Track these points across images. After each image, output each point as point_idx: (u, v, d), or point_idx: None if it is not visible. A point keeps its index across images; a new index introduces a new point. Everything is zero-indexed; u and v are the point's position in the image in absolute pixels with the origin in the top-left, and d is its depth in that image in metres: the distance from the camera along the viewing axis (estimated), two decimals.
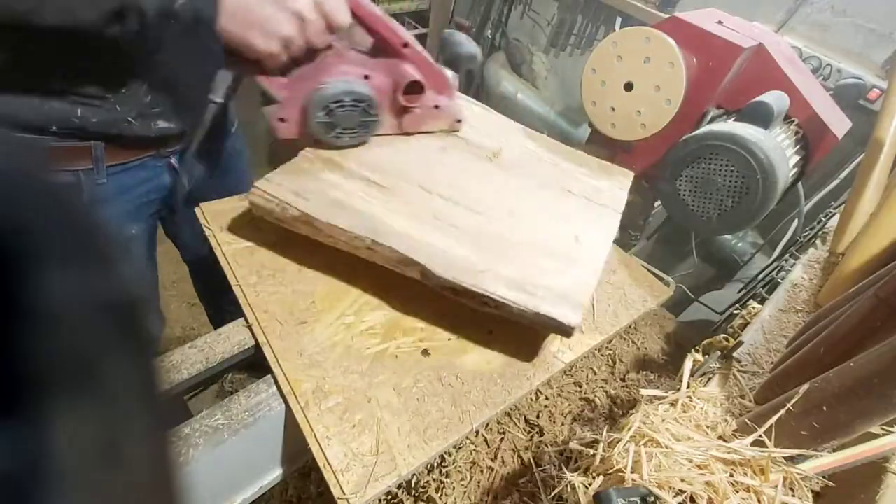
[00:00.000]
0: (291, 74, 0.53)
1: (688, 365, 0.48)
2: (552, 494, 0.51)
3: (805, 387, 0.37)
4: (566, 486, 0.43)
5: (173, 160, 0.66)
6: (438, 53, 0.61)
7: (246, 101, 0.78)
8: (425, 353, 0.50)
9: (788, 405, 0.37)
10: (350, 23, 0.50)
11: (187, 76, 0.58)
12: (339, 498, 0.39)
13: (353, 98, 0.53)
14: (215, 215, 0.59)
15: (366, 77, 0.55)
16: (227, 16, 0.45)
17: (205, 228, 0.58)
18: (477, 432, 0.53)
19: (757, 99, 0.72)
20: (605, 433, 0.41)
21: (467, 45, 0.62)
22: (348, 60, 0.54)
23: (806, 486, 0.36)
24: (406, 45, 0.54)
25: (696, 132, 0.72)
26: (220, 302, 0.97)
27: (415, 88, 0.57)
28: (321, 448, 0.41)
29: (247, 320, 0.51)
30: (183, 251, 0.89)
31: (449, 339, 0.52)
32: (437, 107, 0.61)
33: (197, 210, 0.59)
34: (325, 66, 0.53)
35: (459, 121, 0.64)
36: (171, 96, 0.58)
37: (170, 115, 0.59)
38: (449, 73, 0.60)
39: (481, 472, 0.55)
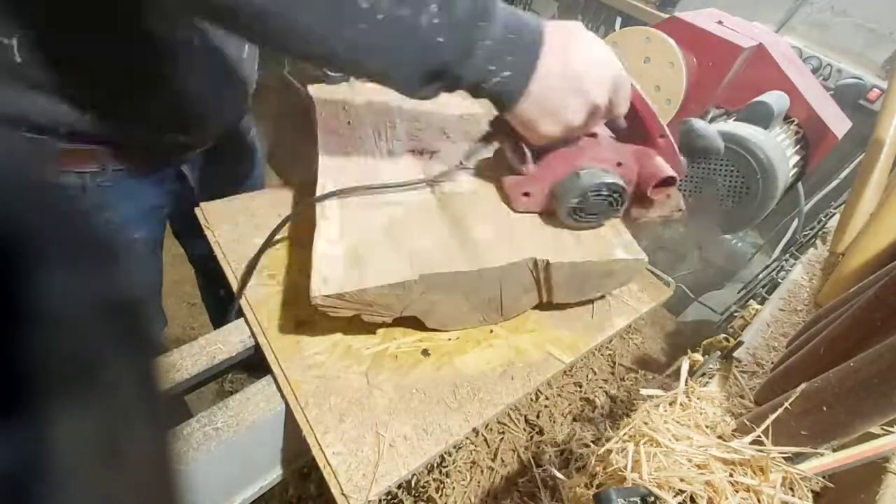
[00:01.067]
0: (546, 153, 0.51)
1: (685, 365, 0.48)
2: (552, 495, 0.51)
3: (805, 386, 0.37)
4: (566, 486, 0.43)
5: (184, 168, 0.67)
6: (681, 140, 0.58)
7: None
8: (425, 353, 0.50)
9: (786, 404, 0.37)
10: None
11: (206, 93, 0.58)
12: (339, 498, 0.39)
13: (609, 189, 0.51)
14: (215, 215, 0.59)
15: (619, 164, 0.53)
16: (528, 100, 0.44)
17: (204, 229, 0.58)
18: (477, 432, 0.53)
19: (757, 99, 0.72)
20: (604, 433, 0.41)
21: (712, 138, 0.59)
22: (603, 145, 0.53)
23: (806, 486, 0.36)
24: (663, 136, 0.53)
25: None
26: (224, 303, 0.97)
27: (667, 182, 0.54)
28: (321, 449, 0.41)
29: (247, 321, 0.51)
30: (189, 251, 0.89)
31: (449, 340, 0.52)
32: (669, 196, 0.57)
33: (197, 210, 0.59)
34: (582, 149, 0.52)
35: (681, 210, 0.59)
36: (186, 112, 0.58)
37: (184, 128, 0.59)
38: (685, 163, 0.57)
39: (481, 472, 0.55)
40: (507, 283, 0.49)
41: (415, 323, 0.50)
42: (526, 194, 0.53)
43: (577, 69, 0.43)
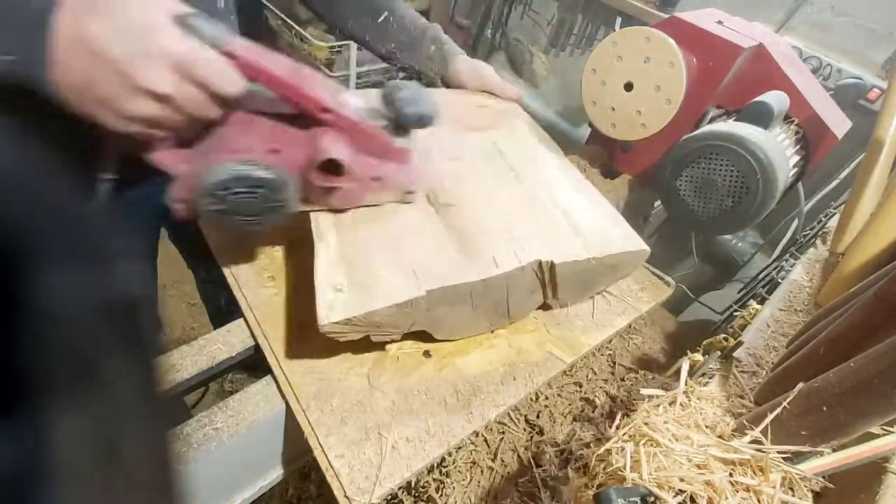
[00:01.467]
0: (197, 146, 0.43)
1: (685, 365, 0.48)
2: (552, 495, 0.51)
3: (804, 386, 0.37)
4: (566, 486, 0.43)
5: None
6: (384, 108, 0.48)
7: None
8: (427, 354, 0.50)
9: (785, 404, 0.37)
10: (243, 89, 0.39)
11: None
12: (342, 501, 0.39)
13: (245, 184, 0.41)
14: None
15: (275, 151, 0.44)
16: (65, 90, 0.35)
17: (203, 230, 0.58)
18: (477, 432, 0.53)
19: (757, 99, 0.72)
20: (605, 433, 0.41)
21: (413, 104, 0.47)
22: (255, 131, 0.44)
23: (806, 486, 0.36)
24: (325, 109, 0.43)
25: (696, 132, 0.72)
26: (224, 304, 0.97)
27: (332, 167, 0.45)
28: (324, 451, 0.41)
29: (247, 322, 0.51)
30: (187, 256, 0.89)
31: (450, 341, 0.52)
32: (376, 178, 0.48)
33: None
34: (225, 139, 0.43)
35: (411, 192, 0.51)
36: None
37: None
38: (394, 137, 0.48)
39: (481, 472, 0.55)
40: (514, 287, 0.48)
41: (421, 333, 0.49)
42: (180, 200, 0.44)
43: (101, 49, 0.33)
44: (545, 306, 0.55)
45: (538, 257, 0.47)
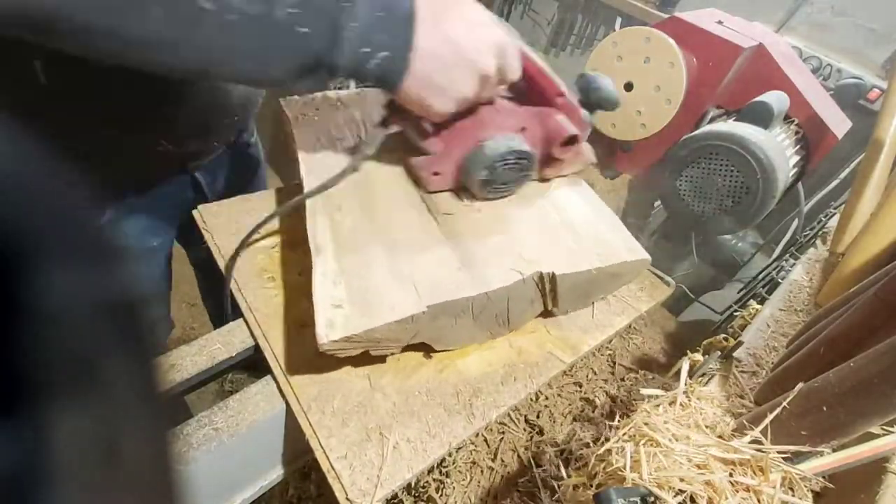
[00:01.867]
0: (448, 128, 0.50)
1: (685, 366, 0.48)
2: (552, 494, 0.51)
3: (805, 386, 0.37)
4: (566, 486, 0.43)
5: (198, 175, 0.67)
6: (579, 93, 0.57)
7: None
8: (427, 355, 0.50)
9: (785, 403, 0.37)
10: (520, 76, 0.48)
11: (221, 98, 0.58)
12: (344, 503, 0.39)
13: (516, 156, 0.50)
14: (212, 217, 0.59)
15: (523, 129, 0.52)
16: (413, 78, 0.42)
17: (203, 231, 0.58)
18: (477, 433, 0.53)
19: (757, 99, 0.72)
20: (604, 433, 0.41)
21: (610, 89, 0.57)
22: (504, 112, 0.51)
23: (806, 486, 0.36)
24: (560, 94, 0.52)
25: (696, 132, 0.72)
26: (225, 304, 0.97)
27: (571, 141, 0.53)
28: (325, 453, 0.41)
29: (247, 322, 0.51)
30: (192, 254, 0.89)
31: None
32: (577, 153, 0.57)
33: (195, 212, 0.59)
34: (482, 119, 0.50)
35: (593, 163, 0.60)
36: (202, 119, 0.58)
37: (199, 134, 0.59)
38: (588, 117, 0.56)
39: (481, 472, 0.55)
40: (515, 298, 0.48)
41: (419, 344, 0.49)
42: (436, 174, 0.51)
43: (457, 38, 0.41)
44: (545, 313, 0.55)
45: (539, 269, 0.47)
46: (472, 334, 0.50)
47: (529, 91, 0.53)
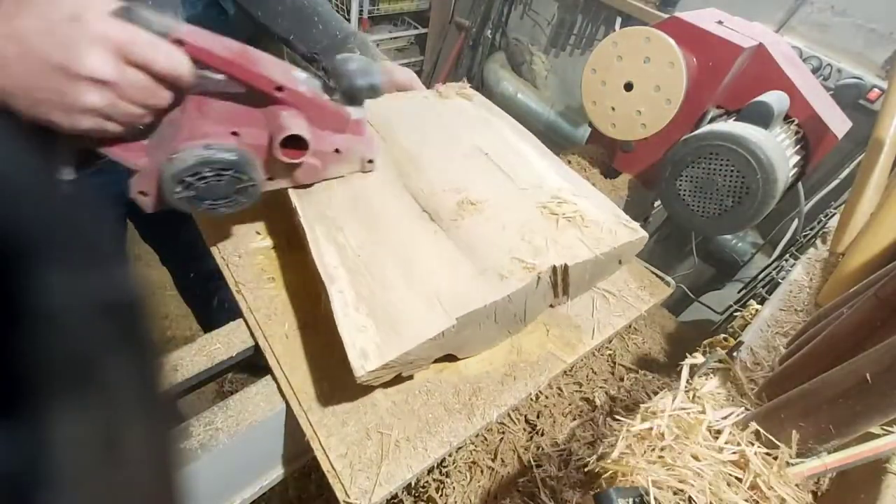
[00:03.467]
0: (151, 136, 0.42)
1: (685, 365, 0.48)
2: (552, 494, 0.51)
3: (805, 386, 0.37)
4: (566, 486, 0.43)
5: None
6: (335, 83, 0.48)
7: None
8: None
9: (785, 404, 0.37)
10: (192, 72, 0.39)
11: None
12: (344, 502, 0.39)
13: (212, 168, 0.42)
14: (212, 218, 0.59)
15: (234, 134, 0.44)
16: (13, 94, 0.33)
17: (202, 231, 0.58)
18: (477, 432, 0.53)
19: (757, 99, 0.72)
20: (604, 433, 0.41)
21: (364, 74, 0.48)
22: (212, 115, 0.43)
23: (806, 487, 0.36)
24: (280, 87, 0.43)
25: (696, 132, 0.72)
26: (208, 301, 0.96)
27: (295, 143, 0.45)
28: (325, 452, 0.41)
29: (247, 323, 0.51)
30: (161, 254, 0.88)
31: None
32: (337, 151, 0.50)
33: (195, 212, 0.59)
34: (183, 125, 0.42)
35: (371, 161, 0.53)
36: None
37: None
38: (349, 109, 0.49)
39: (481, 472, 0.55)
40: (531, 295, 0.48)
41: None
42: (142, 193, 0.44)
43: (27, 35, 0.32)
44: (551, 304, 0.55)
45: (552, 263, 0.47)
46: (492, 336, 0.51)
47: (250, 91, 0.44)
